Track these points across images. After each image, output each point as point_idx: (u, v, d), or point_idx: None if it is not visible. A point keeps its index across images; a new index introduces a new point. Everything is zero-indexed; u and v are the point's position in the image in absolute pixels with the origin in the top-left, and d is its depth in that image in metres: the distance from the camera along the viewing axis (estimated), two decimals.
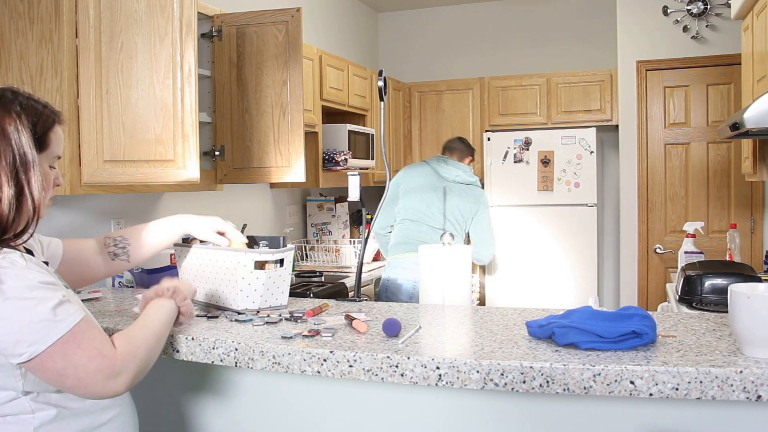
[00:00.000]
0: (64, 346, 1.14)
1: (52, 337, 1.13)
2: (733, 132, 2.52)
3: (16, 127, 1.17)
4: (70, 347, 1.14)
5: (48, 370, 1.14)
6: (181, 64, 2.21)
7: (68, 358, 1.14)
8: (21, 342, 1.12)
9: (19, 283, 1.13)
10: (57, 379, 1.16)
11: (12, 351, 1.12)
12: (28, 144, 1.18)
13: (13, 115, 1.17)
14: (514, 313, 1.71)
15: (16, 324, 1.11)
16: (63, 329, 1.14)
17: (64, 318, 1.15)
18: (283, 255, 1.86)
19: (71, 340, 1.15)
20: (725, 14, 4.25)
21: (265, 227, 4.00)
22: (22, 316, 1.12)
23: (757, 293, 1.24)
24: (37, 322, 1.12)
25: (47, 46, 2.15)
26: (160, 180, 2.25)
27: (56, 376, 1.15)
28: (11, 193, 1.15)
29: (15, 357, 1.13)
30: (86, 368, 1.15)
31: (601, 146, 5.04)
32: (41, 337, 1.12)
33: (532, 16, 5.33)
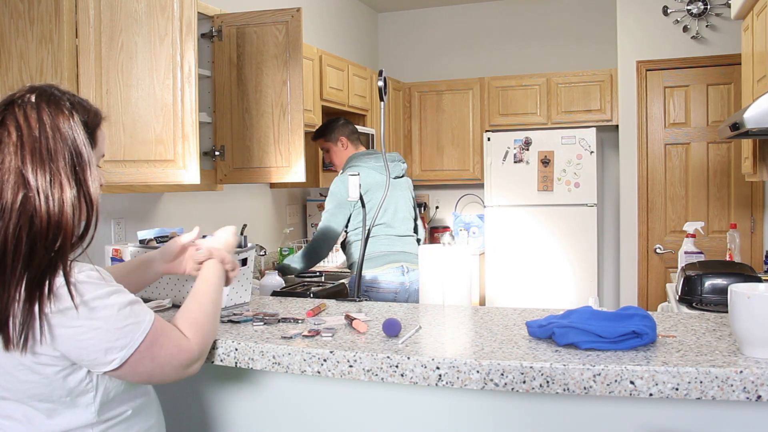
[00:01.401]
0: (150, 346, 1.17)
1: (138, 338, 1.15)
2: (733, 132, 2.52)
3: (70, 125, 1.13)
4: (155, 347, 1.17)
5: (139, 373, 1.18)
6: (181, 64, 2.21)
7: (155, 359, 1.18)
8: (111, 349, 1.12)
9: (99, 292, 1.12)
10: (146, 378, 1.21)
11: (103, 359, 1.12)
12: (83, 142, 1.14)
13: (66, 113, 1.13)
14: (514, 313, 1.71)
15: (106, 332, 1.11)
16: (146, 328, 1.16)
17: (143, 318, 1.17)
18: (246, 254, 1.92)
19: (154, 339, 1.17)
20: (725, 14, 4.25)
21: (265, 227, 4.00)
22: (109, 324, 1.12)
23: (757, 293, 1.24)
24: (123, 327, 1.13)
25: (47, 46, 2.15)
26: (160, 180, 2.25)
27: (147, 376, 1.20)
28: (73, 194, 1.11)
29: (105, 365, 1.13)
30: (171, 365, 1.21)
31: (601, 146, 5.04)
32: (129, 341, 1.14)
33: (532, 16, 5.33)
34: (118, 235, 2.77)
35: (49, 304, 1.07)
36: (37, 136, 1.09)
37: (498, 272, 4.94)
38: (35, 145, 1.09)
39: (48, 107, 1.12)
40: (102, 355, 1.12)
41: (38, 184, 1.08)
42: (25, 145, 1.08)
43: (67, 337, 1.09)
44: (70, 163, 1.11)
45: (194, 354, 1.25)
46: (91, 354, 1.11)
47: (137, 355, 1.15)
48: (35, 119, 1.10)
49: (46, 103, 1.13)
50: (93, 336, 1.10)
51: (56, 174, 1.09)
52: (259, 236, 3.86)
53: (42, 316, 1.07)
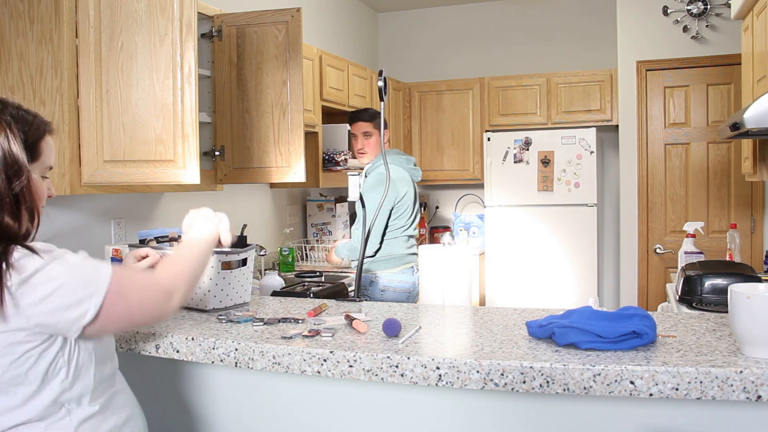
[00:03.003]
0: (119, 287, 1.20)
1: (103, 283, 1.18)
2: (733, 132, 2.52)
3: (6, 136, 1.17)
4: (124, 287, 1.21)
5: (117, 317, 1.21)
6: (181, 64, 2.21)
7: (128, 299, 1.22)
8: (81, 301, 1.15)
9: (56, 252, 1.17)
10: (128, 320, 1.24)
11: (76, 314, 1.15)
12: (20, 152, 1.19)
13: (3, 125, 1.18)
14: (514, 313, 1.71)
15: (70, 285, 1.15)
16: (107, 272, 1.19)
17: (100, 266, 1.20)
18: (247, 254, 1.93)
19: (119, 280, 1.21)
20: (725, 14, 4.25)
21: (265, 227, 4.00)
22: (71, 276, 1.15)
23: (757, 293, 1.24)
24: (85, 277, 1.17)
25: (47, 46, 2.15)
26: (160, 180, 2.25)
27: (127, 317, 1.23)
28: (11, 202, 1.17)
29: (80, 319, 1.16)
30: (147, 300, 1.25)
31: (601, 146, 5.04)
32: (96, 287, 1.17)
33: (532, 16, 5.33)
34: (117, 235, 2.77)
35: (9, 277, 1.11)
36: None
37: (498, 272, 4.94)
38: None
39: None
40: (74, 309, 1.15)
41: None
42: None
43: (35, 304, 1.13)
44: (4, 170, 1.16)
45: (166, 285, 1.29)
46: (64, 313, 1.14)
47: (109, 299, 1.18)
48: None
49: None
50: (61, 293, 1.14)
51: None
52: (259, 236, 3.86)
53: (3, 290, 1.10)
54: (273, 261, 3.93)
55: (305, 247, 4.25)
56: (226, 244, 1.58)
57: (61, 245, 1.38)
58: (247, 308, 1.88)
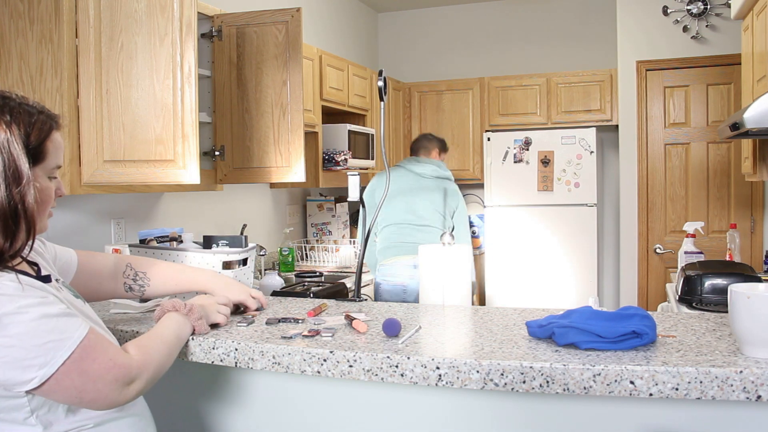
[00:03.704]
0: (79, 362, 1.09)
1: (61, 355, 1.07)
2: (733, 132, 2.52)
3: (6, 138, 1.07)
4: (85, 363, 1.10)
5: (66, 389, 1.09)
6: (181, 64, 2.21)
7: (85, 374, 1.10)
8: (30, 367, 1.05)
9: (12, 306, 1.04)
10: (76, 396, 1.11)
11: (19, 379, 1.05)
12: (21, 157, 1.08)
13: (3, 126, 1.08)
14: (514, 313, 1.71)
15: (22, 350, 1.04)
16: (72, 344, 1.09)
17: (70, 334, 1.09)
18: (247, 254, 1.91)
19: (84, 355, 1.10)
20: (725, 14, 4.25)
21: (264, 227, 4.00)
22: (24, 341, 1.04)
23: (757, 293, 1.24)
24: (43, 344, 1.06)
25: (47, 46, 2.15)
26: (160, 180, 2.25)
27: (75, 393, 1.10)
28: (5, 215, 1.07)
29: (23, 384, 1.06)
30: (104, 380, 1.12)
31: (601, 146, 5.04)
32: (51, 358, 1.06)
33: (532, 16, 5.33)
34: (117, 235, 2.77)
35: None
36: None
37: (498, 272, 4.94)
38: None
39: None
40: (19, 374, 1.05)
41: None
42: None
43: None
44: (3, 176, 1.07)
45: (132, 370, 1.16)
46: (6, 373, 1.04)
47: (62, 371, 1.07)
48: None
49: None
50: (6, 354, 1.04)
51: None
52: (259, 236, 3.86)
53: None
54: (273, 261, 3.93)
55: (305, 247, 4.25)
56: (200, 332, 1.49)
57: (61, 245, 1.39)
58: None
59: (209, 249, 1.97)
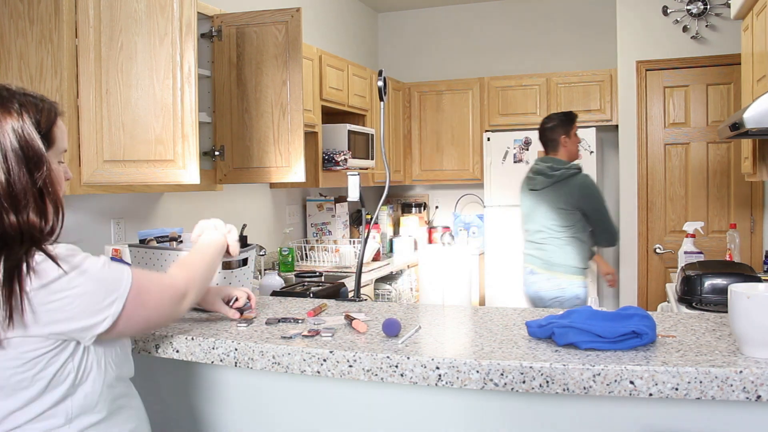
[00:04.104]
0: (137, 294, 1.20)
1: (124, 292, 1.18)
2: (733, 132, 2.52)
3: (20, 126, 1.12)
4: (142, 294, 1.21)
5: (135, 321, 1.21)
6: (181, 64, 2.21)
7: (146, 305, 1.22)
8: (101, 310, 1.15)
9: (78, 258, 1.15)
10: (145, 324, 1.26)
11: (93, 321, 1.14)
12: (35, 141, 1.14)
13: (14, 114, 1.13)
14: (514, 313, 1.71)
15: (93, 295, 1.14)
16: (128, 279, 1.19)
17: (121, 272, 1.20)
18: (247, 254, 1.93)
19: (138, 287, 1.20)
20: (725, 14, 4.25)
21: (264, 227, 4.00)
22: (95, 286, 1.14)
23: (757, 293, 1.24)
24: (108, 286, 1.16)
25: (47, 46, 2.15)
26: (159, 180, 2.25)
27: (143, 321, 1.24)
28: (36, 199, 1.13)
29: (97, 327, 1.15)
30: (163, 305, 1.27)
31: (601, 146, 5.03)
32: (117, 296, 1.17)
33: (532, 16, 5.33)
34: (117, 235, 2.77)
35: (29, 281, 1.08)
36: None
37: (498, 272, 4.93)
38: None
39: None
40: (92, 317, 1.14)
41: None
42: None
43: (53, 312, 1.10)
44: (25, 163, 1.12)
45: (180, 287, 1.32)
46: (81, 321, 1.13)
47: (128, 306, 1.18)
48: None
49: None
50: (81, 302, 1.13)
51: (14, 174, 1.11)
52: (259, 236, 3.86)
53: (23, 295, 1.07)
54: (273, 261, 3.93)
55: (305, 247, 4.25)
56: (234, 254, 1.64)
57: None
58: None
59: None
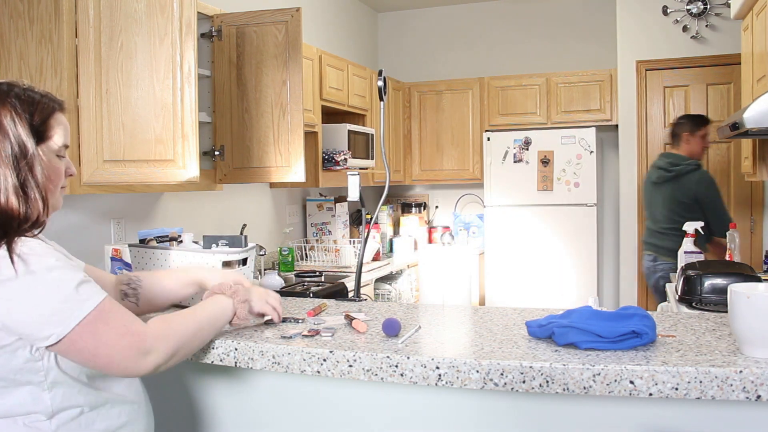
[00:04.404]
0: (93, 324, 1.15)
1: (78, 315, 1.13)
2: (733, 132, 2.52)
3: (12, 118, 1.16)
4: (99, 326, 1.16)
5: (80, 350, 1.15)
6: (180, 64, 2.21)
7: (98, 337, 1.15)
8: (47, 324, 1.12)
9: (42, 264, 1.13)
10: (90, 359, 1.17)
11: (39, 334, 1.12)
12: (26, 134, 1.17)
13: (8, 107, 1.16)
14: (514, 313, 1.71)
15: (42, 306, 1.12)
16: (89, 307, 1.15)
17: (88, 297, 1.16)
18: (247, 254, 1.92)
19: (99, 318, 1.16)
20: (725, 14, 4.25)
21: (264, 227, 4.00)
22: (46, 298, 1.12)
23: (757, 293, 1.24)
24: (63, 302, 1.13)
25: (47, 46, 2.15)
26: (159, 180, 2.25)
27: (89, 355, 1.16)
28: (17, 185, 1.15)
29: (42, 340, 1.13)
30: (117, 345, 1.17)
31: (601, 146, 5.04)
32: (68, 317, 1.13)
33: (532, 16, 5.33)
34: (117, 235, 2.77)
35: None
36: None
37: (498, 272, 4.94)
38: None
39: None
40: (37, 329, 1.12)
41: None
42: None
43: (5, 309, 1.10)
44: (10, 156, 1.15)
45: (147, 339, 1.21)
46: (27, 327, 1.12)
47: (77, 330, 1.13)
48: None
49: None
50: (30, 310, 1.11)
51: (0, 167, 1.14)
52: (259, 236, 3.86)
53: None
54: (273, 261, 3.93)
55: (305, 246, 4.25)
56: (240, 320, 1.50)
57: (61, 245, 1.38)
58: None
59: (209, 249, 1.97)
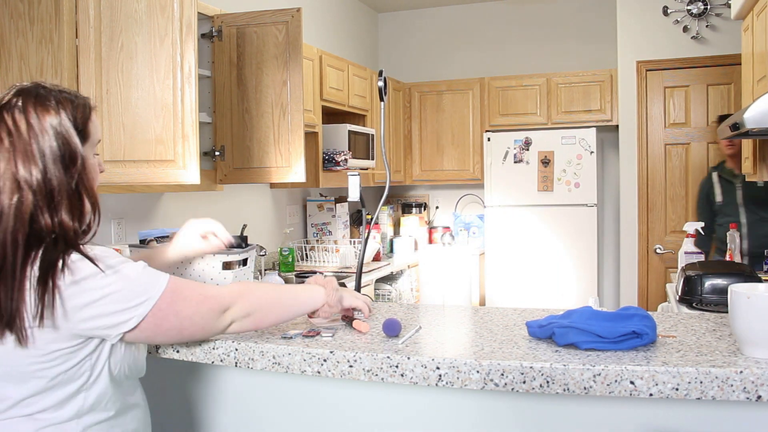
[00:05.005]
0: (170, 302, 1.17)
1: (154, 294, 1.16)
2: (733, 132, 2.52)
3: (59, 122, 1.15)
4: (176, 300, 1.18)
5: (165, 329, 1.18)
6: (181, 64, 2.21)
7: (179, 312, 1.19)
8: (127, 309, 1.13)
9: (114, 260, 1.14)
10: (177, 334, 1.22)
11: (121, 319, 1.13)
12: (73, 137, 1.16)
13: (52, 112, 1.15)
14: (514, 313, 1.71)
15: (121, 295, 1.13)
16: (162, 285, 1.17)
17: (158, 278, 1.18)
18: (247, 254, 1.93)
19: (174, 293, 1.18)
20: (725, 14, 4.25)
21: (265, 227, 4.00)
22: (127, 286, 1.13)
23: (757, 293, 1.24)
24: (138, 287, 1.15)
25: (47, 47, 2.15)
26: (160, 180, 2.25)
27: (176, 331, 1.20)
28: (68, 189, 1.14)
29: (123, 325, 1.14)
30: (199, 313, 1.22)
31: (601, 146, 5.04)
32: (146, 298, 1.15)
33: (532, 16, 5.33)
34: (118, 235, 2.77)
35: (63, 277, 1.09)
36: (27, 140, 1.12)
37: (498, 272, 4.94)
38: (27, 148, 1.12)
39: (35, 109, 1.15)
40: (119, 315, 1.13)
41: (33, 185, 1.11)
42: (17, 149, 1.12)
43: (82, 308, 1.10)
44: (61, 160, 1.14)
45: (224, 299, 1.26)
46: (109, 318, 1.12)
47: (158, 309, 1.16)
48: (24, 123, 1.13)
49: (33, 104, 1.15)
50: (110, 299, 1.12)
51: (49, 172, 1.12)
52: (260, 236, 3.86)
53: (55, 290, 1.08)
54: (273, 261, 3.93)
55: (305, 247, 4.25)
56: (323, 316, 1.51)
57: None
58: None
59: None
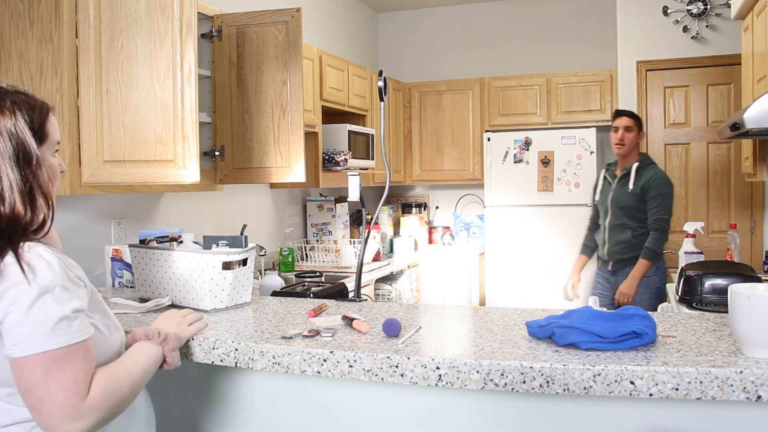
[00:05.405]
0: (49, 363, 1.09)
1: (42, 346, 1.09)
2: (733, 132, 2.52)
3: (13, 124, 1.16)
4: (53, 368, 1.09)
5: (23, 377, 1.10)
6: (181, 64, 2.21)
7: (45, 378, 1.09)
8: (17, 335, 1.09)
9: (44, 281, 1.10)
10: (24, 390, 1.10)
11: (9, 340, 1.09)
12: (28, 138, 1.17)
13: (7, 113, 1.17)
14: (514, 314, 1.71)
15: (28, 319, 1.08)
16: (54, 345, 1.09)
17: (63, 334, 1.10)
18: (247, 255, 1.91)
19: (59, 360, 1.10)
20: (725, 14, 4.25)
21: (265, 227, 4.00)
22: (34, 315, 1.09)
23: (757, 293, 1.24)
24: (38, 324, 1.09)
25: (47, 47, 2.15)
26: (160, 180, 2.25)
27: (25, 386, 1.10)
28: (23, 190, 1.15)
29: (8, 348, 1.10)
30: (54, 397, 1.09)
31: (601, 146, 5.03)
32: (33, 341, 1.09)
33: (532, 16, 5.33)
34: (118, 235, 2.77)
35: None
36: None
37: (498, 272, 4.93)
38: None
39: None
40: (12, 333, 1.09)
41: None
42: None
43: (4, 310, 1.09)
44: (15, 160, 1.15)
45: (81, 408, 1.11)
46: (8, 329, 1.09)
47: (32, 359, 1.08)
48: None
49: None
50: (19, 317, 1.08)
51: (3, 171, 1.14)
52: (259, 236, 3.86)
53: None
54: (273, 261, 3.93)
55: (305, 247, 4.25)
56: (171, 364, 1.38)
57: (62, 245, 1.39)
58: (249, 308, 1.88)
59: (209, 249, 1.97)
